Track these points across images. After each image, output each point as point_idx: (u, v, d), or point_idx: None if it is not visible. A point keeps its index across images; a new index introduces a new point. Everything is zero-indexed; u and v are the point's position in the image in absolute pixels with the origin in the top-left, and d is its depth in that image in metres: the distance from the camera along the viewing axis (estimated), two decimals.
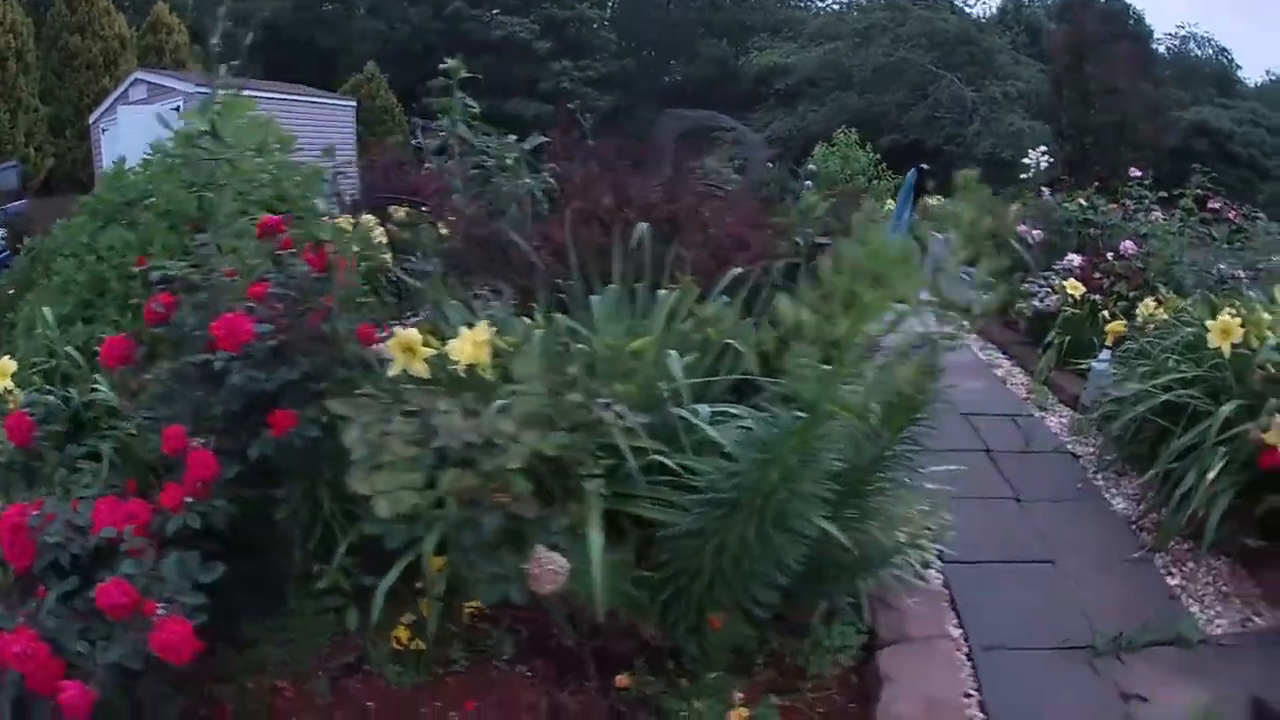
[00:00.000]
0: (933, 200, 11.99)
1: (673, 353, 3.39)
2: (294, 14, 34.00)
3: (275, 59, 31.04)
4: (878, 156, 15.57)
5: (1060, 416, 5.94)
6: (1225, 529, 3.95)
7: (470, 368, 2.92)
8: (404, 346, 2.91)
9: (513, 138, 6.12)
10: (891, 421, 2.89)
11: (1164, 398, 4.39)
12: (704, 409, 3.19)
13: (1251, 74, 52.13)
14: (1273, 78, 43.71)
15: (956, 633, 3.59)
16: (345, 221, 5.71)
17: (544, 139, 6.03)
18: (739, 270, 4.15)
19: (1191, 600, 3.87)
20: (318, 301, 3.12)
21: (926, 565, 3.94)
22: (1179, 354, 4.65)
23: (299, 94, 20.28)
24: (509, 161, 5.61)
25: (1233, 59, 41.90)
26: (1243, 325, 4.24)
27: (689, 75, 40.58)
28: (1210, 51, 42.04)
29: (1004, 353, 7.54)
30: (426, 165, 7.79)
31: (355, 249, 5.01)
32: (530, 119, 34.66)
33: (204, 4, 30.57)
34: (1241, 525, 3.96)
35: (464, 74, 5.63)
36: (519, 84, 35.01)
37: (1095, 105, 14.41)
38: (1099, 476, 5.01)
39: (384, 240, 5.76)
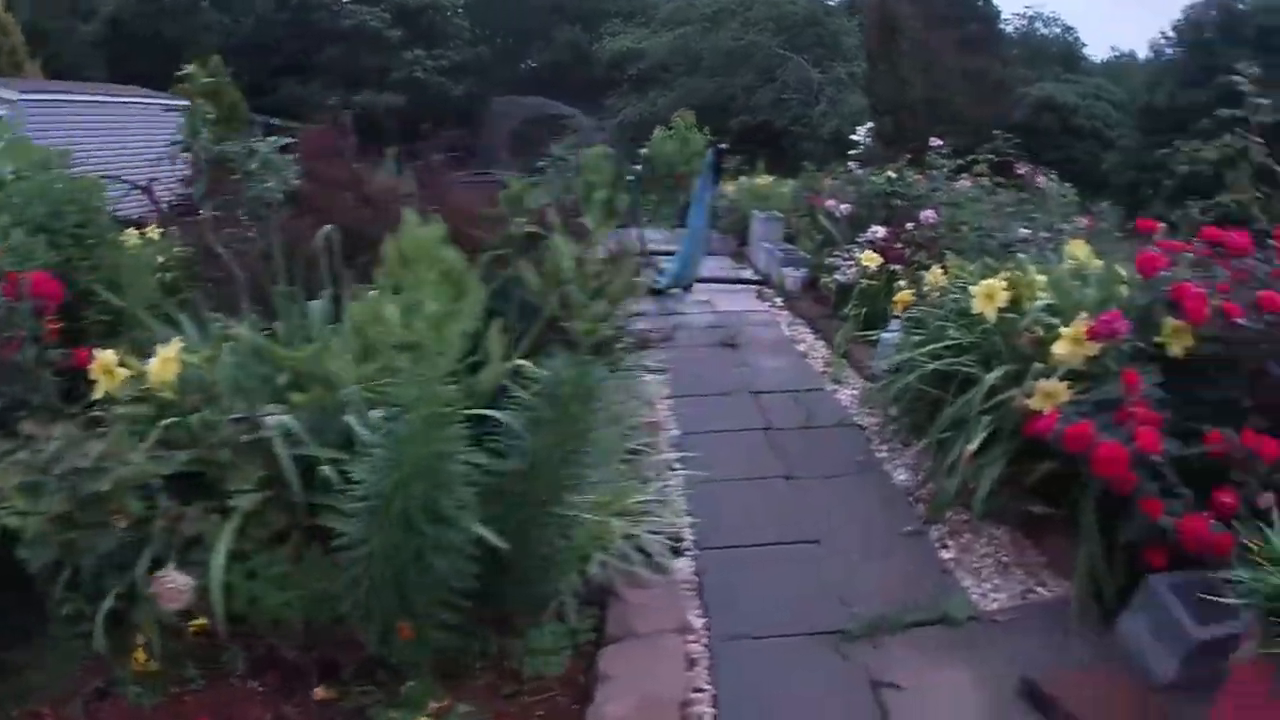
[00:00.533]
0: (759, 179, 11.95)
1: (347, 357, 3.12)
2: (138, 7, 32.25)
3: (119, 54, 29.46)
4: (716, 138, 15.45)
5: (854, 389, 5.79)
6: (1002, 497, 3.81)
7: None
8: (104, 369, 2.95)
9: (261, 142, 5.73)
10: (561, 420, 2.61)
11: (932, 366, 4.24)
12: (377, 414, 2.88)
13: (1097, 51, 54.91)
14: (1116, 54, 46.15)
15: (700, 623, 3.36)
16: (153, 232, 5.34)
17: (290, 139, 5.66)
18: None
19: (966, 574, 3.70)
20: (14, 331, 3.23)
21: (679, 553, 3.74)
22: (953, 321, 4.51)
23: (128, 96, 19.09)
24: (253, 166, 5.25)
25: (1078, 37, 44.09)
26: (1008, 289, 4.11)
27: (544, 62, 40.13)
28: (1057, 30, 44.20)
29: (811, 327, 7.39)
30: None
31: (160, 259, 4.99)
32: (381, 110, 33.90)
33: (42, 3, 28.79)
34: (1020, 493, 3.79)
35: (204, 80, 5.27)
36: (370, 75, 34.18)
37: (909, 81, 14.52)
38: (884, 448, 4.86)
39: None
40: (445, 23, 37.80)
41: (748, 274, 9.63)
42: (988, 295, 4.05)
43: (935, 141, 7.98)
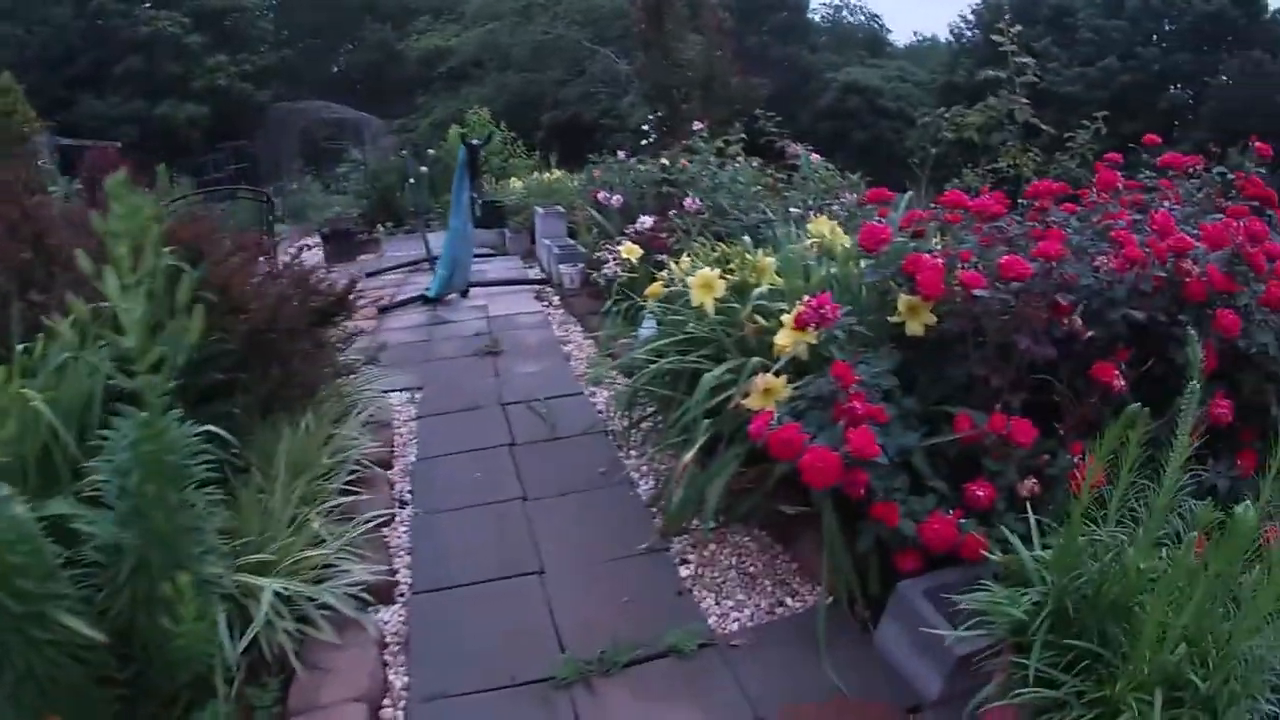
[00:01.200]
0: (548, 174, 11.62)
1: None
2: None
3: None
4: (512, 134, 15.05)
5: (612, 391, 5.43)
6: (745, 503, 3.51)
7: None
8: None
9: None
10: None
11: (657, 364, 3.92)
12: None
13: (901, 36, 57.70)
14: (919, 38, 48.53)
15: (401, 682, 2.95)
16: None
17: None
18: None
19: (706, 592, 3.37)
20: None
21: (391, 601, 3.34)
22: (688, 313, 4.19)
23: None
24: None
25: (883, 24, 46.21)
26: (730, 275, 3.83)
27: (354, 62, 39.03)
28: (862, 18, 45.96)
29: (582, 326, 7.05)
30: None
31: None
32: (183, 121, 32.22)
33: None
34: (767, 497, 3.47)
35: None
36: (171, 83, 32.56)
37: (683, 65, 14.37)
38: (632, 455, 4.53)
39: None
40: (250, 25, 36.29)
41: (534, 273, 9.25)
42: (705, 284, 3.76)
43: (696, 125, 7.74)
